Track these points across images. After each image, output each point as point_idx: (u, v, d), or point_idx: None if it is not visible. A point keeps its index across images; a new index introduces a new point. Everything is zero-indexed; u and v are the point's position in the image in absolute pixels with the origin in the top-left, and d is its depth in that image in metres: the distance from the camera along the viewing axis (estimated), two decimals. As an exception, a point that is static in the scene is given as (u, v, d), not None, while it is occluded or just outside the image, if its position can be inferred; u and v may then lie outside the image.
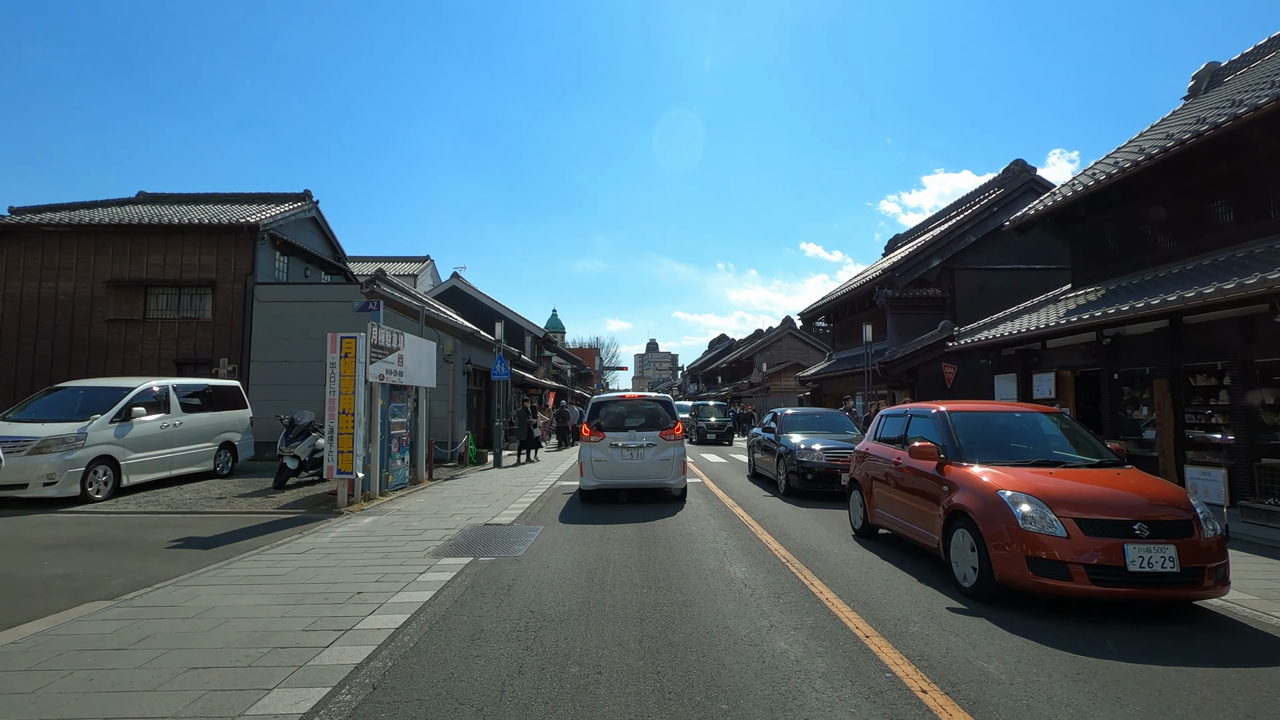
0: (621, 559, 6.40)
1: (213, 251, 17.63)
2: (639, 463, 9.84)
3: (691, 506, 9.80)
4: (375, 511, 9.44)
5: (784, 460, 10.85)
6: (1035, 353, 12.34)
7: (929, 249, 18.42)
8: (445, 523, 8.49)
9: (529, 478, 13.94)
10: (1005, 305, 16.90)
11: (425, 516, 9.00)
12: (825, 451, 10.33)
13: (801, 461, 10.35)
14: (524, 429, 18.04)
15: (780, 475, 11.04)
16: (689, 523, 8.41)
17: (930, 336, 18.01)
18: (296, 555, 6.63)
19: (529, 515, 9.14)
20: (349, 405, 9.79)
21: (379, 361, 10.63)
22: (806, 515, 8.98)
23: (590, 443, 10.06)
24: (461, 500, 10.58)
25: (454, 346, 17.32)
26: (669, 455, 9.92)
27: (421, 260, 41.07)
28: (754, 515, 8.92)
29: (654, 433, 9.96)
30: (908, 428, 6.57)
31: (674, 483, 9.97)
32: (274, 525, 8.42)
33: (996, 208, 18.37)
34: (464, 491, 11.68)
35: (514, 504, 10.18)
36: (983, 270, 18.69)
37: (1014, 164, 18.77)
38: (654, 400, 10.64)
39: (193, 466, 12.08)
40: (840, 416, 12.71)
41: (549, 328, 58.05)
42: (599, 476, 9.92)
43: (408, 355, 11.97)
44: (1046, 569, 4.43)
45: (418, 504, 10.13)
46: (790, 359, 45.46)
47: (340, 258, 22.48)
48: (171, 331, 17.47)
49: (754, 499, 10.57)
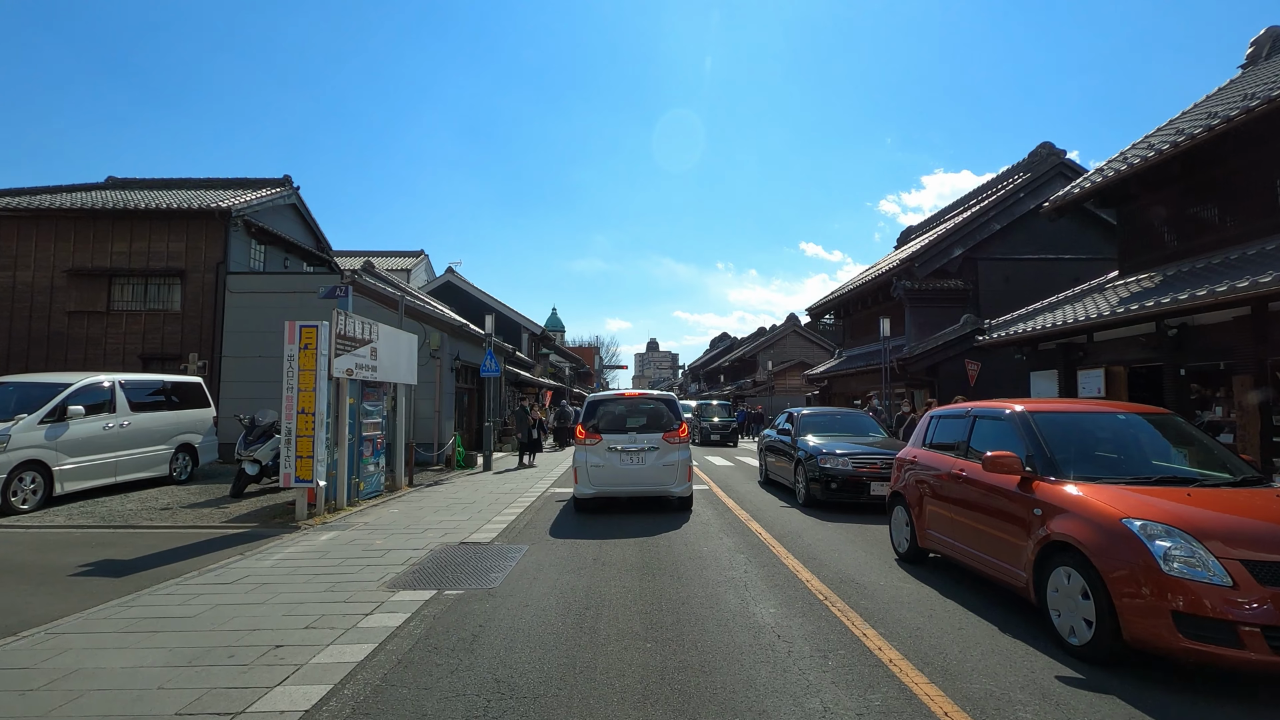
0: (618, 594, 5.18)
1: (182, 239, 16.42)
2: (640, 468, 8.83)
3: (699, 519, 8.59)
4: (338, 525, 8.22)
5: (803, 466, 9.63)
6: (1079, 347, 11.12)
7: (950, 237, 17.20)
8: (415, 540, 7.28)
9: (520, 483, 12.72)
10: (1032, 297, 15.67)
11: (394, 532, 7.79)
12: (851, 457, 9.11)
13: (824, 468, 9.13)
14: (524, 430, 16.71)
15: (799, 483, 9.83)
16: (698, 540, 7.19)
17: (953, 331, 16.80)
18: (222, 587, 5.42)
19: (514, 530, 7.92)
20: (309, 403, 8.57)
21: (347, 354, 9.42)
22: (835, 532, 7.76)
23: (586, 446, 9.01)
24: (440, 511, 9.37)
25: (441, 341, 16.10)
26: (673, 460, 8.89)
27: (415, 255, 39.86)
28: (773, 531, 7.71)
29: (656, 435, 8.94)
30: (971, 432, 5.35)
31: (678, 490, 8.93)
32: (213, 544, 7.20)
33: (1023, 193, 17.15)
34: (445, 500, 10.47)
35: (499, 515, 8.97)
36: (1008, 261, 17.46)
37: (1041, 147, 17.54)
38: (656, 399, 9.59)
39: (143, 472, 10.87)
40: (862, 417, 11.49)
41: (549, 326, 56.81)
42: (595, 483, 8.89)
43: (383, 348, 10.77)
44: (1204, 630, 3.21)
45: (389, 516, 8.92)
46: (795, 357, 44.24)
47: (325, 248, 21.27)
48: (137, 324, 16.25)
49: (770, 510, 9.35)
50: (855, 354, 23.09)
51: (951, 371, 16.74)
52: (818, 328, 49.06)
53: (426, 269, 40.29)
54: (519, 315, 36.73)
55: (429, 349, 16.06)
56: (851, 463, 9.07)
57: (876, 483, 8.86)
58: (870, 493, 8.85)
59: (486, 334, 15.90)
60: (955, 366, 16.61)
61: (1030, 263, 17.45)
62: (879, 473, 8.94)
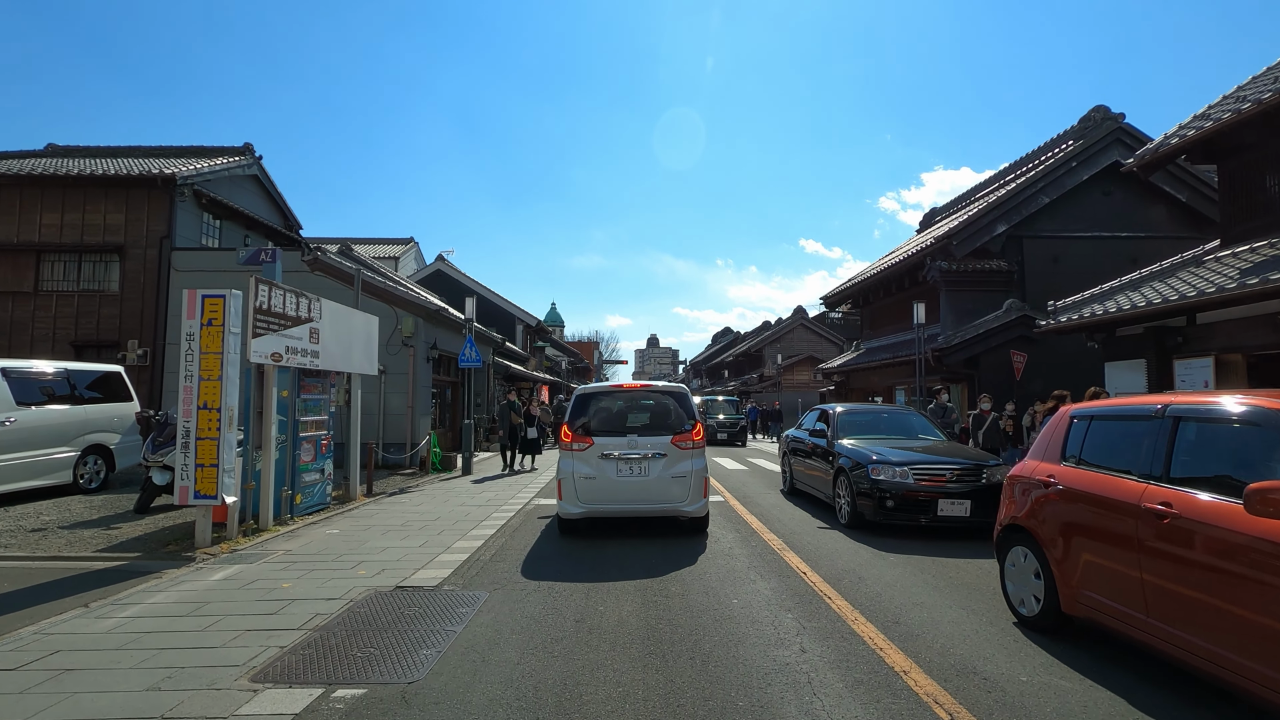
0: (610, 704, 3.23)
1: (120, 210, 14.43)
2: (642, 481, 6.87)
3: (719, 547, 6.63)
4: (249, 555, 6.28)
5: (847, 477, 7.68)
6: (1176, 331, 9.15)
7: (993, 212, 15.21)
8: (338, 582, 5.33)
9: (500, 492, 10.77)
10: (1084, 280, 13.69)
11: (316, 566, 5.85)
12: (911, 468, 7.15)
13: (876, 480, 7.18)
14: (506, 427, 14.30)
15: (840, 497, 7.87)
16: (723, 585, 5.23)
17: (995, 318, 14.84)
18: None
19: (476, 565, 5.97)
20: (214, 396, 6.62)
21: (273, 334, 7.47)
22: (905, 571, 5.80)
23: (573, 452, 7.02)
24: (391, 533, 7.42)
25: (415, 326, 14.15)
26: (685, 470, 6.93)
27: (405, 242, 37.83)
28: (821, 570, 5.74)
29: (663, 437, 7.02)
30: (1172, 443, 3.36)
31: (691, 509, 6.95)
32: (61, 586, 5.27)
33: (1075, 162, 15.14)
34: (403, 516, 8.52)
35: (463, 539, 7.02)
36: (1057, 239, 15.46)
37: (1095, 110, 15.52)
38: (663, 392, 7.62)
39: (37, 479, 8.93)
40: (913, 415, 9.52)
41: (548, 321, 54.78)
42: (585, 500, 6.93)
43: (329, 330, 8.82)
44: None
45: (322, 540, 6.97)
46: (803, 351, 42.31)
47: (293, 225, 19.28)
48: (69, 307, 14.28)
49: (806, 534, 7.39)
50: (877, 345, 21.11)
51: (993, 363, 14.79)
52: (826, 321, 47.11)
53: (416, 257, 38.31)
54: (513, 306, 34.83)
55: (400, 335, 14.11)
56: (912, 474, 7.11)
57: (947, 501, 6.90)
58: (938, 513, 6.90)
59: (467, 318, 13.93)
60: (998, 358, 14.66)
61: (1082, 241, 15.44)
62: (948, 487, 6.99)
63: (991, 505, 6.95)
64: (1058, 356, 14.55)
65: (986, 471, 7.13)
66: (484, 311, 31.34)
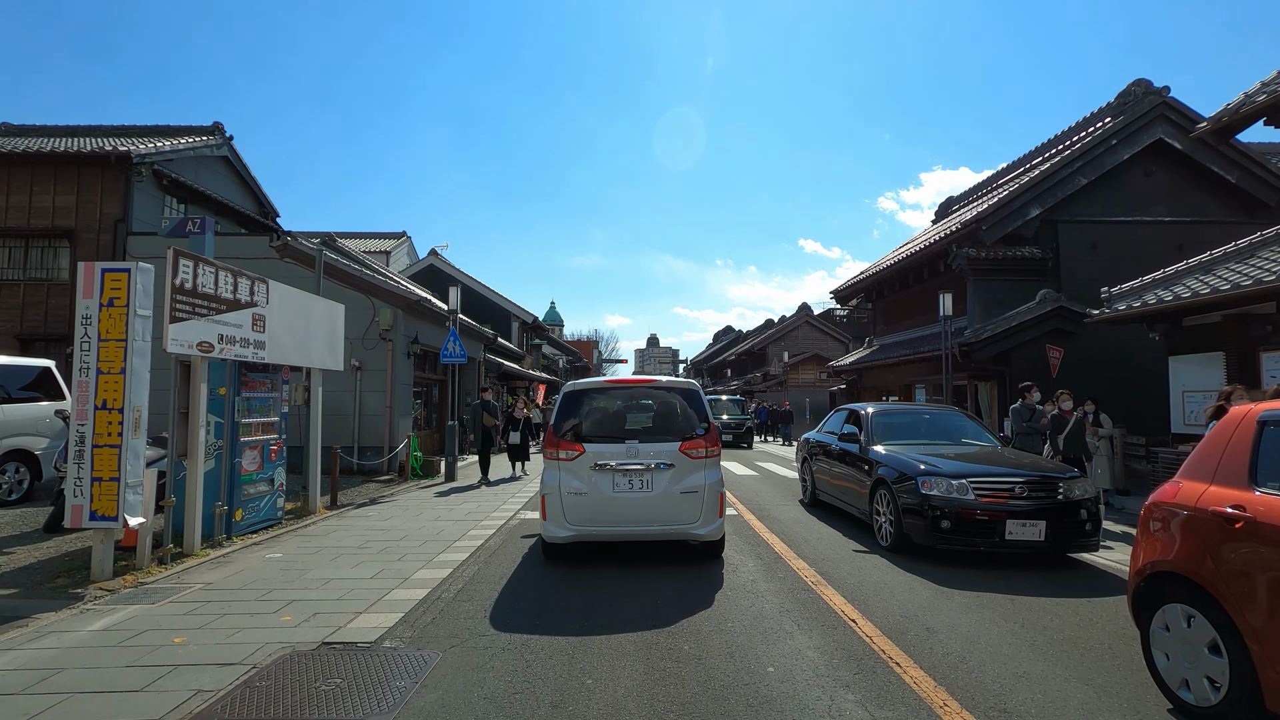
0: None
1: (71, 191, 13.18)
2: (644, 498, 5.64)
3: (741, 582, 5.38)
4: (154, 591, 5.04)
5: (889, 492, 6.42)
6: (1266, 319, 7.91)
7: (1025, 194, 13.93)
8: (249, 635, 4.08)
9: (484, 503, 9.52)
10: (1125, 268, 12.55)
11: (230, 610, 4.59)
12: (971, 481, 5.89)
13: (928, 497, 5.92)
14: (478, 431, 12.36)
15: (882, 515, 6.61)
16: (752, 644, 3.98)
17: (1027, 310, 13.57)
18: None
19: (435, 605, 4.72)
20: (115, 393, 5.38)
21: (201, 320, 6.23)
22: (984, 619, 4.54)
23: (560, 461, 5.78)
24: (343, 557, 6.17)
25: (394, 319, 12.90)
26: (696, 484, 5.67)
27: (397, 237, 36.60)
28: (877, 617, 4.48)
29: (670, 444, 5.77)
30: None
31: (704, 532, 5.71)
32: None
33: (1116, 140, 13.87)
34: (364, 533, 7.27)
35: (427, 566, 5.77)
36: (1096, 224, 14.19)
37: (1135, 84, 14.27)
38: (668, 389, 6.33)
39: (-62, 491, 7.67)
40: (958, 416, 8.25)
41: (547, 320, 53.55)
42: (574, 521, 5.69)
43: (279, 317, 7.57)
44: None
45: (255, 568, 5.71)
46: (808, 349, 41.04)
47: (269, 213, 18.01)
48: (14, 297, 13.04)
49: (843, 561, 6.13)
50: (892, 341, 19.86)
51: (1026, 359, 13.54)
52: (832, 318, 45.87)
53: (409, 252, 37.09)
54: (509, 302, 33.65)
55: (378, 328, 12.87)
56: (973, 489, 5.85)
57: (1016, 522, 5.64)
58: (1006, 537, 5.63)
59: (450, 309, 12.66)
60: (1031, 353, 13.42)
61: (1122, 226, 14.18)
62: (1017, 505, 5.74)
63: (1070, 527, 5.71)
64: (1097, 352, 13.33)
65: (1063, 485, 5.87)
66: (478, 307, 30.11)
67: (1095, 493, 6.00)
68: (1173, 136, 13.90)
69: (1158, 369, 11.70)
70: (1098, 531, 5.85)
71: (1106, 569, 5.84)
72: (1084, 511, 5.79)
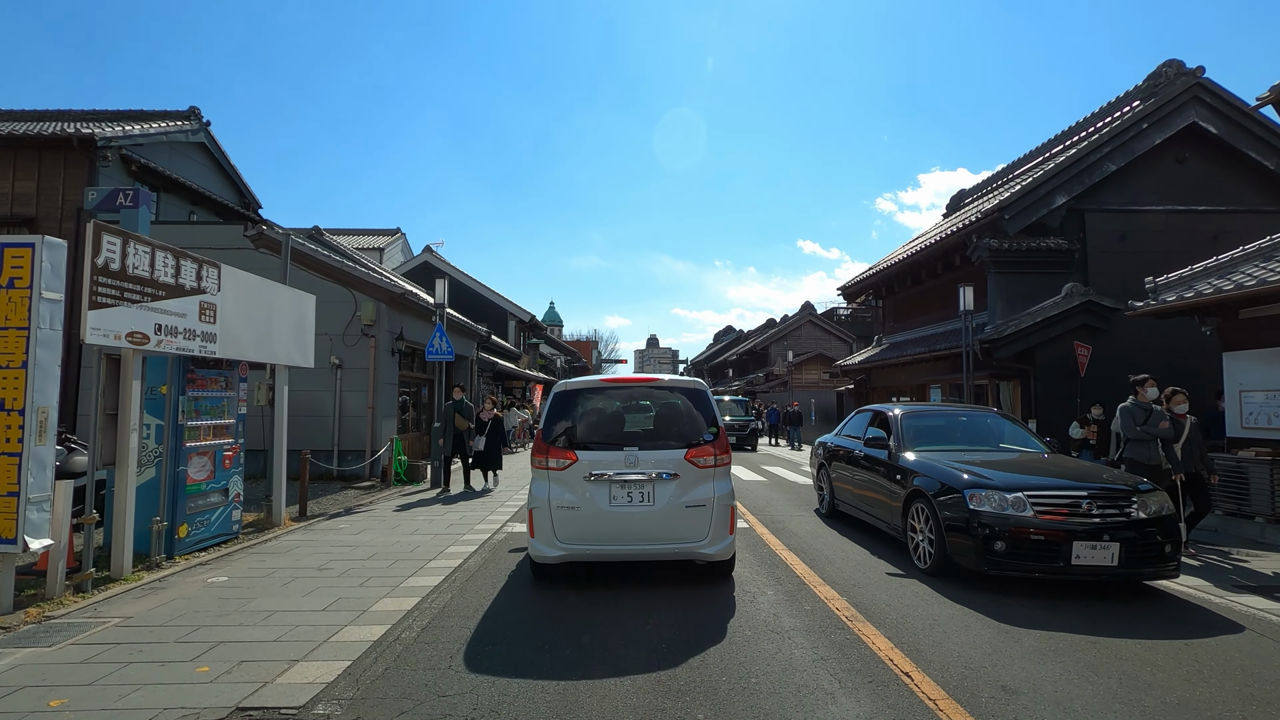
0: None
1: (31, 177, 12.33)
2: (645, 513, 4.93)
3: (759, 615, 4.51)
4: (60, 629, 4.18)
5: (929, 506, 5.56)
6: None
7: (1051, 181, 13.07)
8: (149, 695, 3.22)
9: (469, 513, 8.65)
10: (1157, 260, 11.73)
11: (139, 656, 3.74)
12: (1030, 496, 5.04)
13: (977, 513, 5.06)
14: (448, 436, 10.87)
15: (919, 533, 5.75)
16: (787, 712, 3.11)
17: (1053, 304, 12.76)
18: None
19: (392, 650, 3.85)
20: (14, 392, 4.55)
21: (132, 307, 5.41)
22: (1071, 673, 3.68)
23: (549, 470, 5.05)
24: (297, 581, 5.31)
25: (377, 313, 12.04)
26: (704, 497, 4.97)
27: (391, 233, 35.73)
28: (934, 669, 3.62)
29: (675, 452, 5.07)
30: None
31: (713, 551, 4.98)
32: None
33: (1147, 124, 13.02)
34: (329, 551, 6.41)
35: (392, 594, 4.91)
36: (1125, 213, 13.33)
37: (1166, 66, 13.43)
38: (672, 389, 5.61)
39: None
40: (996, 418, 7.38)
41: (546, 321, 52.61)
42: (566, 540, 4.95)
43: (234, 307, 6.73)
44: None
45: (191, 597, 4.85)
46: (812, 349, 40.23)
47: (250, 204, 17.15)
48: (-30, 290, 12.15)
49: (878, 588, 5.27)
50: (903, 339, 19.02)
51: (1051, 357, 12.70)
52: (835, 318, 45.01)
53: (403, 249, 36.24)
54: (505, 300, 32.83)
55: (360, 323, 12.02)
56: (1030, 504, 4.99)
57: (1085, 544, 4.78)
58: (1073, 561, 4.77)
59: (437, 303, 11.80)
60: (1056, 351, 12.58)
61: (1152, 215, 13.33)
62: (1085, 523, 4.87)
63: (1147, 549, 4.86)
64: (1129, 350, 12.48)
65: (1137, 499, 5.01)
66: (474, 305, 29.28)
67: (1173, 509, 5.14)
68: (1207, 120, 13.06)
69: (1202, 367, 10.86)
70: (1178, 554, 4.99)
71: (1190, 599, 4.99)
72: (1162, 531, 4.93)
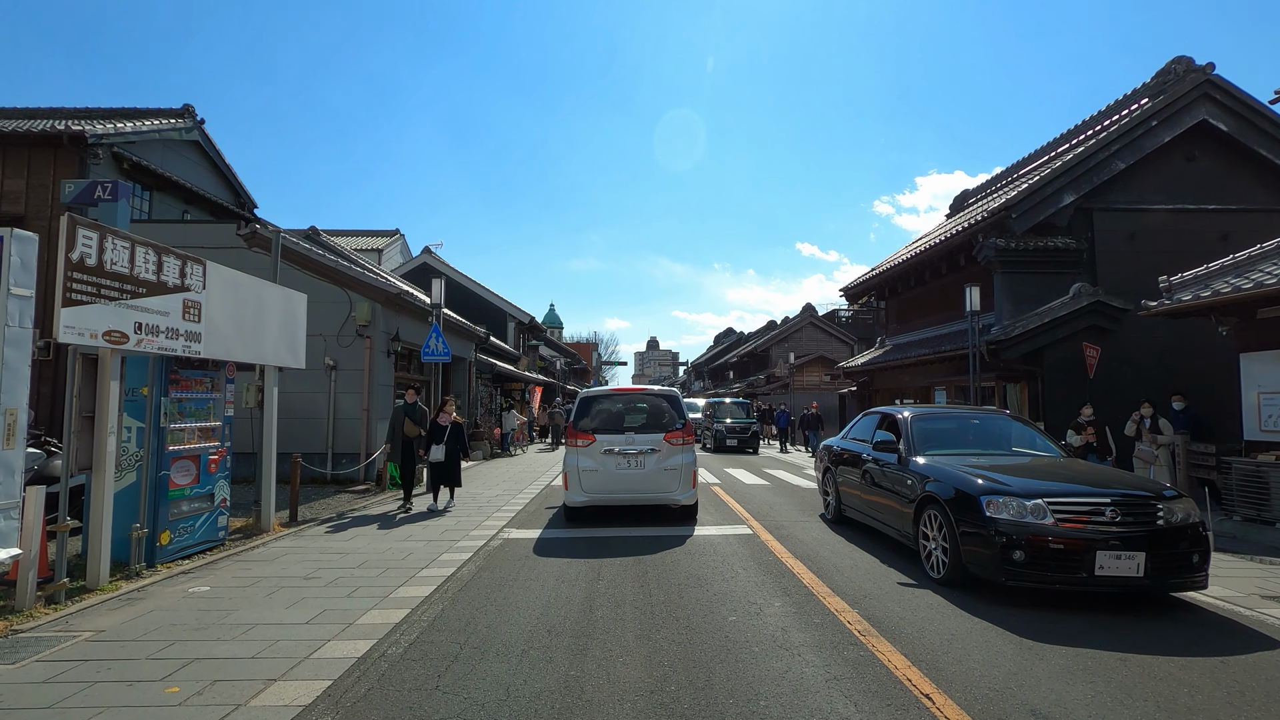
0: None
1: (21, 174, 12.12)
2: (638, 473, 7.84)
3: (768, 631, 4.26)
4: (26, 643, 3.95)
5: (943, 513, 5.32)
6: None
7: (1059, 180, 12.84)
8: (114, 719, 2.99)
9: (465, 518, 8.40)
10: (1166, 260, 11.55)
11: (107, 674, 3.51)
12: (1050, 503, 4.80)
13: (994, 521, 4.82)
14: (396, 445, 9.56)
15: (932, 541, 5.52)
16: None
17: (1061, 305, 12.55)
18: None
19: (373, 672, 3.60)
20: (-19, 394, 4.29)
21: (110, 304, 5.20)
22: (1106, 696, 3.44)
23: (578, 448, 7.97)
24: (281, 592, 5.08)
25: (372, 313, 11.81)
26: (676, 464, 7.89)
27: (389, 235, 35.54)
28: (956, 691, 3.37)
29: (657, 435, 7.97)
30: None
31: (683, 498, 7.90)
32: None
33: (1156, 121, 12.81)
34: (317, 559, 6.18)
35: (380, 605, 4.66)
36: (1134, 211, 13.11)
37: (1175, 63, 13.21)
38: (656, 395, 8.61)
39: None
40: (1007, 420, 7.14)
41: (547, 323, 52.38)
42: (588, 490, 7.87)
43: (220, 305, 6.51)
44: None
45: (169, 609, 4.61)
46: (812, 351, 39.96)
47: (245, 203, 16.94)
48: (-43, 290, 11.92)
49: (890, 600, 5.03)
50: (906, 341, 18.78)
51: (1059, 358, 12.47)
52: (836, 319, 44.80)
53: (402, 250, 36.05)
54: (505, 302, 32.64)
55: (354, 324, 11.80)
56: (1051, 511, 4.75)
57: (1109, 553, 4.54)
58: (1096, 571, 4.53)
59: (433, 303, 11.58)
60: (1064, 352, 12.37)
61: (1161, 214, 13.11)
62: (1108, 531, 4.63)
63: (1174, 558, 4.62)
64: (1138, 351, 12.28)
65: (1163, 506, 4.78)
66: (472, 306, 29.05)
67: (1200, 516, 4.90)
68: (1217, 117, 12.85)
69: (1215, 369, 10.65)
70: (1206, 564, 4.75)
71: (1217, 610, 4.75)
72: (1189, 539, 4.70)
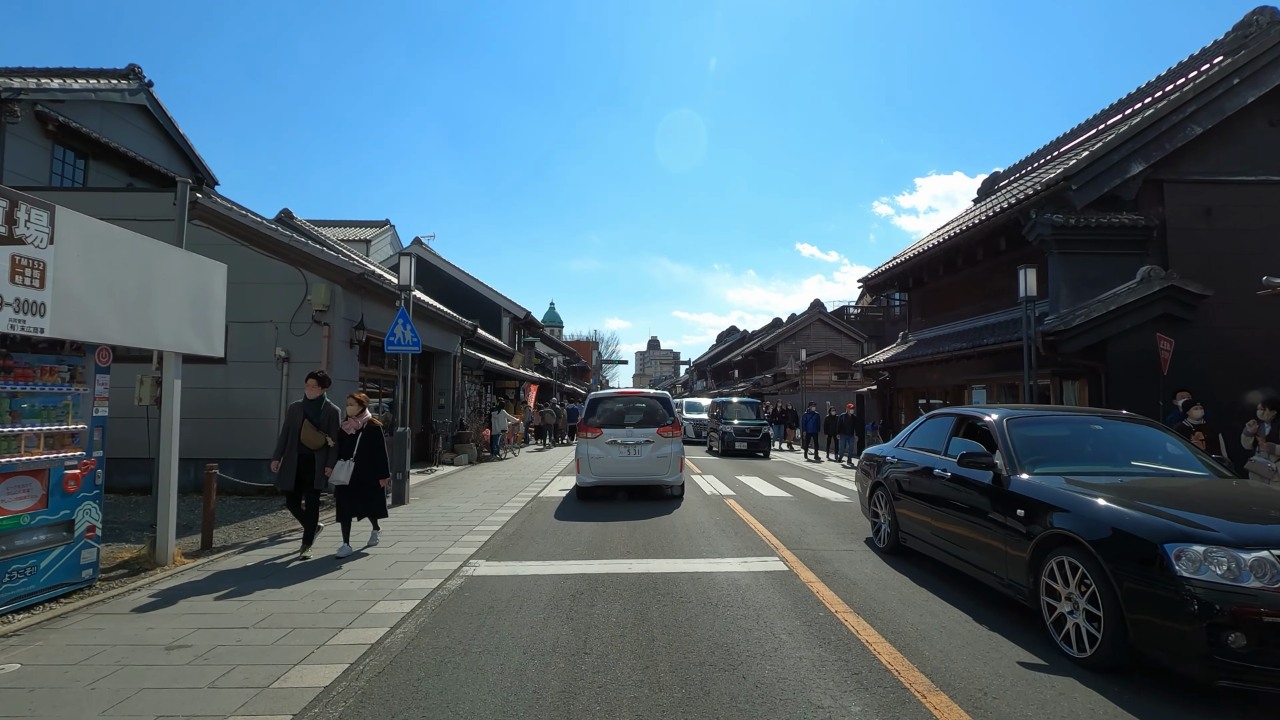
0: None
1: (-77, 134, 10.44)
2: (636, 460, 9.42)
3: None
4: None
5: (1086, 561, 3.62)
6: None
7: (1125, 147, 11.13)
8: None
9: (422, 544, 6.70)
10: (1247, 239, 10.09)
11: None
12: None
13: (1186, 582, 3.13)
14: (290, 460, 6.25)
15: (1069, 602, 3.81)
16: None
17: (1130, 290, 10.90)
18: None
19: None
20: None
21: None
22: None
23: (588, 439, 9.52)
24: (108, 679, 3.35)
25: (331, 297, 10.13)
26: (666, 452, 9.51)
27: (379, 225, 33.80)
28: None
29: (651, 429, 9.52)
30: None
31: (672, 479, 9.57)
32: None
33: (1237, 79, 11.11)
34: (198, 616, 4.47)
35: (262, 693, 2.98)
36: (1211, 184, 11.40)
37: (1257, 14, 11.51)
38: (651, 396, 10.13)
39: None
40: (1145, 428, 5.38)
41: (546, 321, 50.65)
42: (596, 473, 9.43)
43: (86, 269, 4.84)
44: None
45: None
46: (821, 349, 38.30)
47: (204, 179, 15.24)
48: None
49: (1033, 705, 3.34)
50: (935, 335, 17.05)
51: (1125, 351, 10.81)
52: (845, 316, 43.08)
53: (392, 241, 34.31)
54: (499, 295, 31.00)
55: (310, 308, 10.12)
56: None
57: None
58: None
59: (401, 285, 9.88)
60: (1131, 344, 10.71)
61: (1243, 188, 11.41)
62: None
63: None
64: (1219, 344, 10.60)
65: None
66: (466, 299, 27.36)
67: None
68: (1306, 74, 11.15)
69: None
70: None
71: None
72: None
